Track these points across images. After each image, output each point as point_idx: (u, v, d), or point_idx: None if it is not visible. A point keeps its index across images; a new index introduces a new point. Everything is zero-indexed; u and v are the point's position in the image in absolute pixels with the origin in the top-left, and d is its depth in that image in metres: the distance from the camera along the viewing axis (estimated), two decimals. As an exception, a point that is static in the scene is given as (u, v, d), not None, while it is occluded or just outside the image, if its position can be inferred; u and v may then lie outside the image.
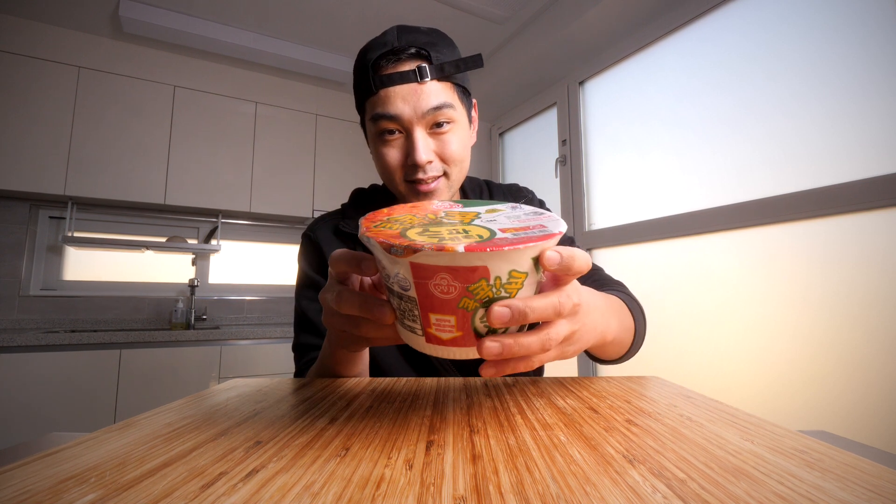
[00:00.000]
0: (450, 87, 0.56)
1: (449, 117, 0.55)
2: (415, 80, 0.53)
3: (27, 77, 1.85)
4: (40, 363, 1.60)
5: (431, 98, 0.54)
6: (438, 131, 0.55)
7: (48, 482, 0.21)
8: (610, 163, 1.75)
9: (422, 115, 0.54)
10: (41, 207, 2.08)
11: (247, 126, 2.27)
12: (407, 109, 0.53)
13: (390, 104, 0.54)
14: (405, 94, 0.53)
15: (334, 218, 0.67)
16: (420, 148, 0.54)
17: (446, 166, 0.57)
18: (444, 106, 0.54)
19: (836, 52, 1.07)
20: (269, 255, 2.60)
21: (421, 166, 0.55)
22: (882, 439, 0.91)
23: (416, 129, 0.54)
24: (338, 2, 1.82)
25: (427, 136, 0.55)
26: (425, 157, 0.54)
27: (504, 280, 0.26)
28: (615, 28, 1.65)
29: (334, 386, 0.43)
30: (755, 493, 0.19)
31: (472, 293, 0.26)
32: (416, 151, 0.54)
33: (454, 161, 0.57)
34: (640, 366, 1.48)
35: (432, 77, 0.53)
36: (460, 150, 0.57)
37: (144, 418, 0.32)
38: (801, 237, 1.10)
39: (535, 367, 0.30)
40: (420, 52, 0.54)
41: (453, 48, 0.58)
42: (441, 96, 0.54)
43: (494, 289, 0.26)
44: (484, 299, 0.26)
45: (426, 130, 0.55)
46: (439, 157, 0.56)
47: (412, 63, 0.54)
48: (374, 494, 0.19)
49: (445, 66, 0.54)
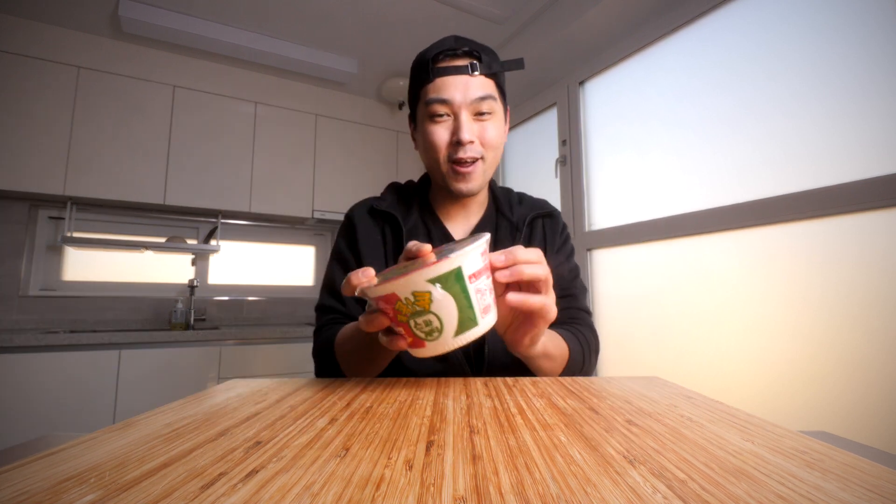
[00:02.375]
0: (493, 85, 0.66)
1: (491, 108, 0.65)
2: (467, 73, 0.64)
3: (27, 77, 1.85)
4: (40, 363, 1.60)
5: (479, 89, 0.64)
6: (481, 118, 0.65)
7: (48, 482, 0.21)
8: (610, 163, 1.75)
9: (469, 102, 0.64)
10: (41, 207, 2.07)
11: (247, 126, 2.27)
12: (458, 96, 0.64)
13: (444, 91, 0.64)
14: (457, 83, 0.64)
15: (371, 200, 0.76)
16: (465, 128, 0.63)
17: (484, 150, 0.66)
18: (488, 97, 0.64)
19: (836, 52, 1.07)
20: (269, 256, 2.60)
21: (464, 144, 0.64)
22: (882, 439, 0.91)
23: (463, 113, 0.64)
24: (338, 2, 1.82)
25: (471, 120, 0.65)
26: (469, 136, 0.63)
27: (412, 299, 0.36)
28: (615, 28, 1.65)
29: (334, 386, 0.43)
30: (755, 493, 0.19)
31: (398, 310, 0.37)
32: (462, 130, 0.63)
33: (491, 146, 0.66)
34: (641, 366, 1.48)
35: (482, 72, 0.64)
36: (497, 137, 0.66)
37: (144, 418, 0.32)
38: (801, 237, 1.10)
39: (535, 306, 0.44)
40: (472, 53, 0.65)
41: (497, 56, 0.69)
42: (486, 89, 0.65)
43: (409, 305, 0.36)
44: (409, 313, 0.37)
45: (472, 116, 0.65)
46: (479, 141, 0.65)
47: (465, 60, 0.65)
48: (374, 495, 0.19)
49: (493, 64, 0.66)
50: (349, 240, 0.73)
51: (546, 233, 0.75)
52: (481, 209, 0.75)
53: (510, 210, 0.75)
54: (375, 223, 0.73)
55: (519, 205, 0.77)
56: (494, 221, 0.74)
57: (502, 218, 0.74)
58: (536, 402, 0.36)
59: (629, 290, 1.58)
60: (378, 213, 0.73)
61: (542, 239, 0.75)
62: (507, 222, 0.73)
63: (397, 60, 2.26)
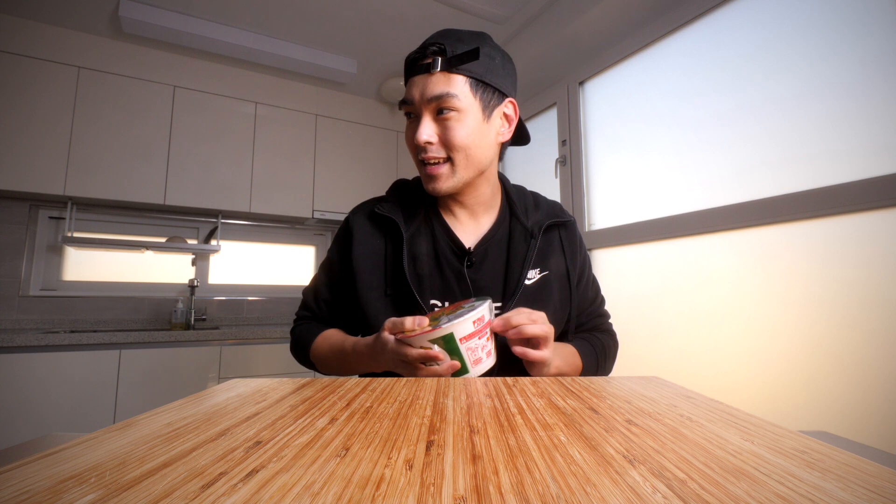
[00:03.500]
0: (461, 80, 0.62)
1: (452, 105, 0.61)
2: (425, 72, 0.62)
3: (27, 77, 1.85)
4: (40, 363, 1.60)
5: (436, 87, 0.61)
6: (441, 117, 0.62)
7: (48, 482, 0.21)
8: (610, 163, 1.75)
9: (427, 101, 0.61)
10: (41, 207, 2.08)
11: (247, 126, 2.27)
12: (416, 94, 0.62)
13: (408, 91, 0.64)
14: (418, 82, 0.62)
15: (372, 203, 0.75)
16: (421, 128, 0.62)
17: (450, 152, 0.63)
18: (445, 95, 0.61)
19: (836, 52, 1.07)
20: (269, 256, 2.60)
21: (420, 145, 0.62)
22: (882, 439, 0.91)
23: (423, 112, 0.62)
24: (338, 2, 1.82)
25: (432, 121, 0.62)
26: (424, 136, 0.61)
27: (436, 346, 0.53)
28: (615, 28, 1.65)
29: (334, 386, 0.43)
30: (755, 493, 0.19)
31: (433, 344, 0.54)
32: (418, 131, 0.62)
33: (455, 147, 0.62)
34: (641, 366, 1.48)
35: (441, 69, 0.61)
36: (462, 138, 0.62)
37: (144, 418, 0.32)
38: (801, 237, 1.10)
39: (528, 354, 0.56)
40: (438, 48, 0.62)
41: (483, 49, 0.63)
42: (445, 86, 0.61)
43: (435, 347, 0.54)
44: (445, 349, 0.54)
45: (432, 116, 0.62)
46: (441, 141, 0.63)
47: (429, 58, 0.62)
48: (374, 494, 0.19)
49: (452, 59, 0.61)
50: (343, 249, 0.72)
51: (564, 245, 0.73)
52: (491, 211, 0.72)
53: (525, 214, 0.72)
54: (376, 228, 0.70)
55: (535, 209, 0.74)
56: (508, 226, 0.72)
57: (516, 222, 0.71)
58: (536, 401, 0.36)
59: (629, 290, 1.58)
60: (378, 217, 0.71)
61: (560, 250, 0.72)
62: (521, 227, 0.71)
63: (397, 61, 2.26)
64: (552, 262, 0.71)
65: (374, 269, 0.68)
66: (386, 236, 0.69)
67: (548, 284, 0.69)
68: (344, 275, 0.71)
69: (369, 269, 0.68)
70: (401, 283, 0.65)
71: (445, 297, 0.67)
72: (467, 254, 0.68)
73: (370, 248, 0.69)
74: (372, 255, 0.69)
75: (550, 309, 0.68)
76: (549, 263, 0.70)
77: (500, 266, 0.69)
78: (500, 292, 0.68)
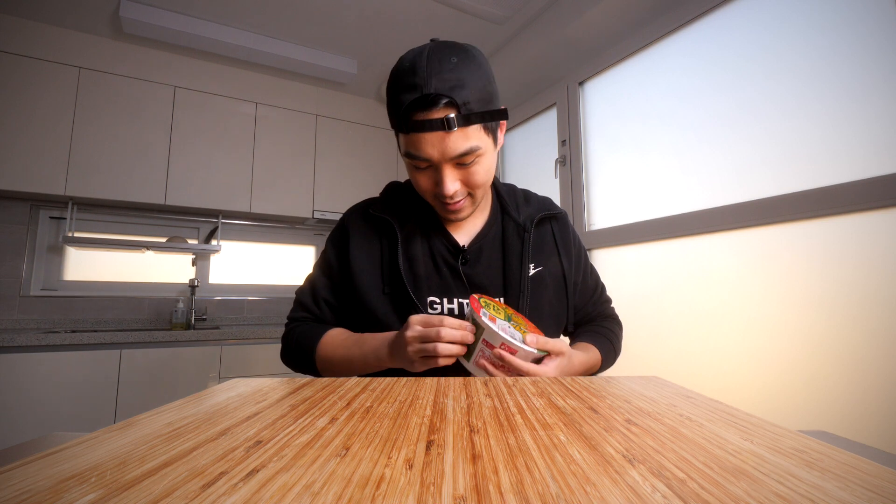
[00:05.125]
0: (476, 131, 0.59)
1: (475, 156, 0.60)
2: (442, 129, 0.57)
3: (27, 77, 1.85)
4: (40, 363, 1.60)
5: (458, 144, 0.58)
6: (465, 168, 0.61)
7: (48, 482, 0.21)
8: (610, 163, 1.75)
9: (449, 159, 0.59)
10: (41, 207, 2.08)
11: (247, 126, 2.27)
12: (436, 154, 0.59)
13: (421, 148, 0.59)
14: (434, 140, 0.58)
15: (366, 204, 0.75)
16: (448, 184, 0.60)
17: (471, 189, 0.64)
18: (470, 151, 0.59)
19: (836, 52, 1.06)
20: (270, 256, 2.60)
21: (448, 196, 0.62)
22: (882, 439, 0.91)
23: (445, 167, 0.60)
24: (338, 2, 1.82)
25: (454, 170, 0.61)
26: (452, 189, 0.61)
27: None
28: (615, 28, 1.65)
29: (334, 386, 0.43)
30: (755, 492, 0.19)
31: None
32: (444, 186, 0.61)
33: (478, 186, 0.63)
34: (641, 366, 1.48)
35: (459, 126, 0.57)
36: (484, 177, 0.63)
37: (144, 418, 0.32)
38: (801, 237, 1.10)
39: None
40: (449, 103, 0.56)
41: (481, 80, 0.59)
42: (467, 143, 0.59)
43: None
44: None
45: (453, 167, 0.61)
46: (464, 185, 0.63)
47: (441, 113, 0.56)
48: (374, 494, 0.19)
49: (472, 117, 0.58)
50: (340, 250, 0.72)
51: (557, 239, 0.74)
52: (483, 211, 0.74)
53: (516, 210, 0.74)
54: (371, 228, 0.71)
55: (525, 204, 0.76)
56: (500, 223, 0.73)
57: (508, 219, 0.73)
58: (536, 401, 0.36)
59: (629, 290, 1.58)
60: (373, 217, 0.72)
61: (553, 244, 0.74)
62: (513, 223, 0.72)
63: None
64: (546, 258, 0.72)
65: (371, 269, 0.69)
66: (381, 237, 0.70)
67: (542, 280, 0.71)
68: (343, 275, 0.71)
69: (367, 270, 0.69)
70: (398, 283, 0.66)
71: (443, 295, 0.68)
72: (462, 251, 0.70)
73: (367, 249, 0.70)
74: (369, 256, 0.70)
75: (546, 304, 0.70)
76: (542, 259, 0.72)
77: (496, 262, 0.71)
78: (499, 287, 0.69)
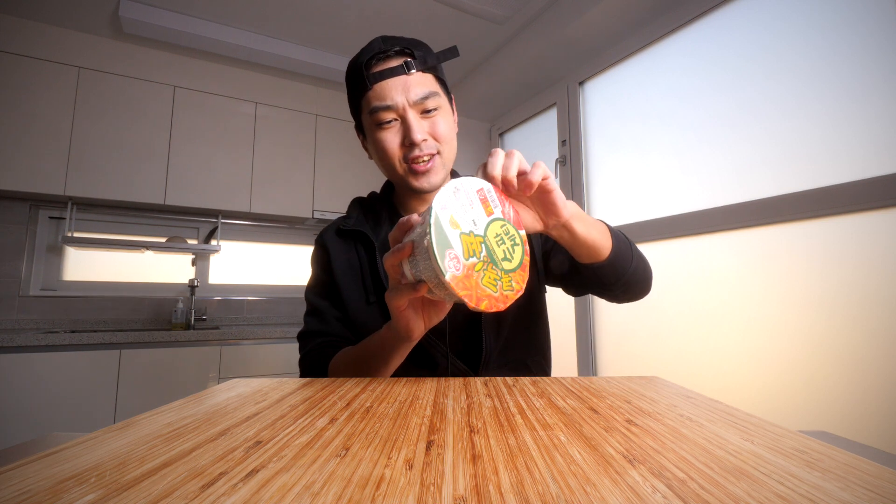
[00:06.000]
0: (433, 79, 0.65)
1: (436, 103, 0.64)
2: (403, 73, 0.62)
3: (27, 77, 1.85)
4: (40, 363, 1.60)
5: (420, 88, 0.62)
6: (428, 116, 0.64)
7: (48, 482, 0.21)
8: (610, 163, 1.75)
9: (413, 103, 0.62)
10: (41, 207, 2.07)
11: (247, 126, 2.27)
12: (400, 99, 0.62)
13: (386, 96, 0.62)
14: (397, 85, 0.62)
15: (337, 222, 0.76)
16: (415, 128, 0.62)
17: (439, 145, 0.65)
18: (432, 94, 0.63)
19: (836, 52, 1.07)
20: (269, 256, 2.60)
21: (417, 144, 0.62)
22: (882, 439, 0.91)
23: (410, 113, 0.62)
24: (338, 2, 1.82)
25: (420, 119, 0.63)
26: (420, 135, 0.62)
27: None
28: (615, 28, 1.65)
29: (334, 386, 0.43)
30: (755, 493, 0.19)
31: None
32: (412, 131, 0.62)
33: (444, 139, 0.65)
34: (641, 366, 1.48)
35: (418, 69, 0.62)
36: (448, 131, 0.66)
37: (144, 418, 0.32)
38: (801, 237, 1.10)
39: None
40: (404, 50, 0.63)
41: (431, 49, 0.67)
42: (427, 85, 0.63)
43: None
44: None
45: (418, 114, 0.63)
46: (432, 136, 0.64)
47: (399, 59, 0.62)
48: (374, 494, 0.19)
49: (428, 58, 0.64)
50: (325, 267, 0.72)
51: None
52: None
53: None
54: (347, 244, 0.72)
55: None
56: None
57: None
58: (536, 401, 0.36)
59: (629, 290, 1.58)
60: (347, 232, 0.73)
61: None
62: None
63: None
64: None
65: (354, 282, 0.70)
66: (358, 249, 0.71)
67: None
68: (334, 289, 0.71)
69: (350, 284, 0.69)
70: (381, 291, 0.67)
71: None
72: None
73: (347, 263, 0.71)
74: (350, 269, 0.70)
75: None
76: None
77: None
78: None
